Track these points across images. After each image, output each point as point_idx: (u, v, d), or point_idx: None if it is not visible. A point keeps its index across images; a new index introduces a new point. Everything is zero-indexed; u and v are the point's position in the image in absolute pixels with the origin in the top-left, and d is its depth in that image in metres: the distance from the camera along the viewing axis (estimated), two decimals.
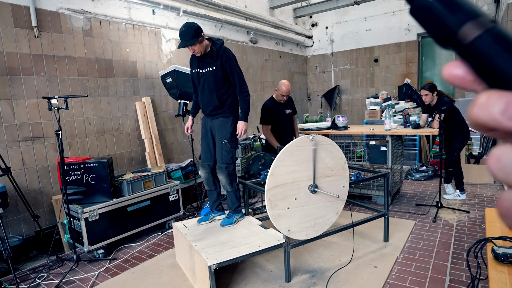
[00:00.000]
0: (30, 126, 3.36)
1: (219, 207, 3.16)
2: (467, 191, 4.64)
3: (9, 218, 3.22)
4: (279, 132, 4.08)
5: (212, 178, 3.06)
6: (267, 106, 4.01)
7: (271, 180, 2.36)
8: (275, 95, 4.06)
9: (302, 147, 2.46)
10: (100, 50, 3.94)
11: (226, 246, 2.57)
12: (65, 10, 3.60)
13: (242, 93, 2.85)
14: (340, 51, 8.10)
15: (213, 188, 3.11)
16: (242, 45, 6.28)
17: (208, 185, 3.10)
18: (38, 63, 3.40)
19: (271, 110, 4.00)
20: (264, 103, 4.07)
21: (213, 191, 3.13)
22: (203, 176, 3.08)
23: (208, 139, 3.01)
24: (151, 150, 4.37)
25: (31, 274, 2.99)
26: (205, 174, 3.05)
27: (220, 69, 2.80)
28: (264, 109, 4.00)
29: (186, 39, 2.67)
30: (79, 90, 3.74)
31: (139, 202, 3.56)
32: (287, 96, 4.02)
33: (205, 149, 3.04)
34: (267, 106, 4.01)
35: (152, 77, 4.54)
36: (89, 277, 2.89)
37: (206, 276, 2.30)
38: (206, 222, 3.08)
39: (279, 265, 2.88)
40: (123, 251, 3.39)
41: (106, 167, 3.26)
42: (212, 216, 3.12)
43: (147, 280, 2.79)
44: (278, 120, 4.06)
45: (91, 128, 3.88)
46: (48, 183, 3.50)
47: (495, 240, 1.53)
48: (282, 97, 3.99)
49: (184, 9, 4.76)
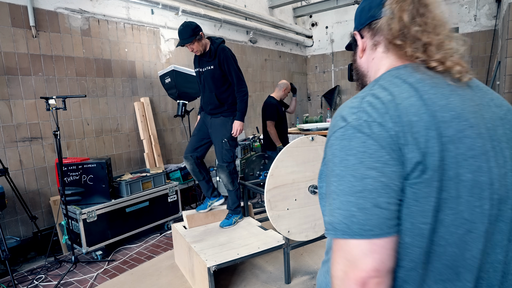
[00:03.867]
0: (28, 126, 3.34)
1: (214, 192, 3.16)
2: None
3: (7, 219, 3.19)
4: (279, 129, 4.25)
5: (198, 169, 3.06)
6: (274, 103, 4.19)
7: (270, 181, 2.34)
8: (280, 94, 4.27)
9: (302, 147, 2.44)
10: (99, 50, 3.92)
11: (226, 247, 2.55)
12: (63, 9, 3.58)
13: (240, 93, 2.83)
14: (340, 51, 8.08)
15: (201, 178, 3.11)
16: (242, 45, 6.26)
17: (196, 176, 3.11)
18: (36, 63, 3.37)
19: (277, 108, 4.19)
20: (270, 101, 4.22)
21: (201, 181, 3.13)
22: (189, 168, 3.09)
23: (202, 135, 3.02)
24: (150, 151, 4.35)
25: (29, 276, 2.97)
26: (190, 165, 3.05)
27: (218, 68, 2.78)
28: (272, 106, 4.16)
29: (184, 37, 2.67)
30: (77, 90, 3.72)
31: (138, 203, 3.54)
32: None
33: (193, 142, 3.05)
34: (274, 103, 4.19)
35: (150, 77, 4.52)
36: (87, 279, 2.87)
37: (205, 277, 2.28)
38: (204, 210, 3.08)
39: (278, 267, 2.86)
40: (122, 253, 3.37)
41: (104, 168, 3.24)
42: (210, 202, 3.12)
43: (146, 281, 2.76)
44: (280, 119, 4.25)
45: (89, 129, 3.86)
46: (46, 184, 3.47)
47: None
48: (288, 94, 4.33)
49: (183, 9, 4.74)
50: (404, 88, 0.64)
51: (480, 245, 0.62)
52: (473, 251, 0.62)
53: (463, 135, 0.61)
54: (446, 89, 0.65)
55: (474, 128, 0.63)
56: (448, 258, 0.62)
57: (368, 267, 0.57)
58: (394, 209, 0.58)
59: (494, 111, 0.69)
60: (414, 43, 0.68)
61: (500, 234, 0.65)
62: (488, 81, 6.37)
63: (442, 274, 0.62)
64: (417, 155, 0.58)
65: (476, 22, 6.41)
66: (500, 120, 0.68)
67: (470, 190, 0.60)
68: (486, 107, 0.68)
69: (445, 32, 0.69)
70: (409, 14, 0.68)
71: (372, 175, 0.58)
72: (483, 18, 6.35)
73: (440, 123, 0.60)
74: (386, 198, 0.58)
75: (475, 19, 6.41)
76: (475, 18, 6.40)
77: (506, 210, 0.64)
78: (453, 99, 0.64)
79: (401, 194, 0.59)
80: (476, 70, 6.54)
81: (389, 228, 0.58)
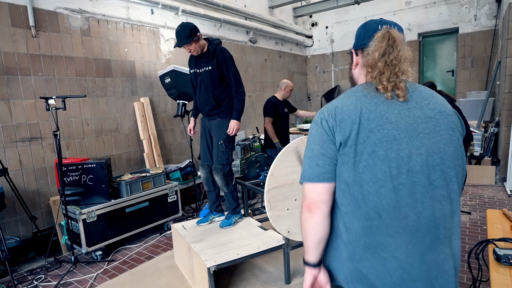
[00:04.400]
0: (28, 126, 3.33)
1: (218, 208, 3.14)
2: (468, 192, 4.62)
3: (6, 219, 3.19)
4: (276, 127, 4.28)
5: (211, 178, 3.05)
6: (274, 101, 4.25)
7: (270, 181, 2.34)
8: (281, 94, 4.31)
9: (302, 147, 2.44)
10: (98, 50, 3.92)
11: (225, 247, 2.54)
12: (63, 9, 3.57)
13: (238, 93, 2.84)
14: (340, 51, 8.08)
15: (212, 188, 3.10)
16: (242, 45, 6.26)
17: (208, 186, 3.09)
18: (36, 63, 3.37)
19: (276, 106, 4.23)
20: (270, 99, 4.31)
21: (212, 191, 3.11)
22: (202, 176, 3.07)
23: (207, 139, 3.02)
24: (150, 151, 4.35)
25: (28, 276, 2.97)
26: (204, 174, 3.04)
27: (216, 69, 2.78)
28: (271, 104, 4.24)
29: (182, 38, 2.67)
30: (77, 90, 3.71)
31: (138, 203, 3.54)
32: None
33: (204, 149, 3.04)
34: (273, 101, 4.27)
35: (150, 77, 4.51)
36: (87, 279, 2.86)
37: (205, 277, 2.28)
38: (205, 223, 3.05)
39: (278, 267, 2.85)
40: (122, 253, 3.36)
41: (104, 168, 3.23)
42: (212, 217, 3.10)
43: (146, 282, 2.76)
44: (279, 117, 4.28)
45: (89, 129, 3.86)
46: (46, 184, 3.47)
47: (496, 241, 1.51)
48: (290, 93, 4.34)
49: (183, 9, 4.74)
50: (351, 99, 1.02)
51: (393, 196, 0.95)
52: (386, 199, 0.95)
53: (382, 128, 0.96)
54: (379, 101, 1.00)
55: (392, 124, 0.97)
56: (371, 204, 0.96)
57: (312, 198, 1.03)
58: (328, 168, 1.01)
59: (424, 112, 1.00)
60: (374, 71, 1.02)
61: (420, 194, 0.95)
62: (488, 81, 6.37)
63: (369, 214, 0.97)
64: (341, 139, 0.99)
65: (476, 22, 6.41)
66: (426, 119, 0.99)
67: (382, 161, 0.95)
68: (416, 110, 0.99)
69: (403, 66, 1.01)
70: (381, 52, 1.01)
71: (316, 148, 1.03)
72: (483, 18, 6.34)
73: (364, 120, 0.97)
74: (322, 161, 1.02)
75: (475, 19, 6.40)
76: (475, 18, 6.40)
77: (419, 177, 0.95)
78: (382, 107, 0.99)
79: (335, 160, 1.01)
80: (477, 70, 6.53)
81: (324, 178, 1.02)
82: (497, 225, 1.73)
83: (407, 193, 0.95)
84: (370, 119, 0.97)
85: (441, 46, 7.09)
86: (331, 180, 1.02)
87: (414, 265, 0.95)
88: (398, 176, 0.94)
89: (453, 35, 6.86)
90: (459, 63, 6.71)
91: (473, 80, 6.60)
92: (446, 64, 7.09)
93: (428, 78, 7.26)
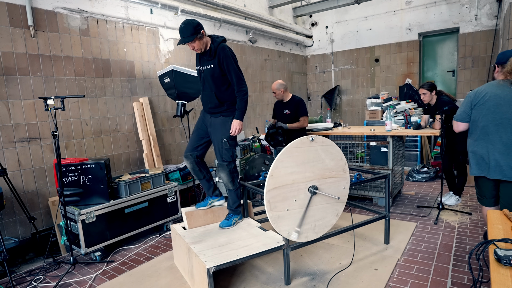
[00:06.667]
0: (26, 126, 3.32)
1: (216, 191, 3.13)
2: (469, 192, 4.60)
3: (5, 220, 3.18)
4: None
5: (198, 168, 3.04)
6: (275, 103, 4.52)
7: (270, 182, 2.32)
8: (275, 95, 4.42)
9: (302, 148, 2.42)
10: (97, 49, 3.90)
11: (225, 248, 2.53)
12: (62, 9, 3.56)
13: (240, 92, 2.81)
14: (340, 50, 8.07)
15: (202, 177, 3.10)
16: (241, 45, 6.24)
17: (196, 175, 3.09)
18: (35, 63, 3.36)
19: (275, 106, 4.49)
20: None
21: (202, 179, 3.11)
22: (189, 167, 3.06)
23: (201, 133, 3.00)
24: (149, 151, 4.33)
25: (27, 277, 2.96)
26: (190, 164, 3.03)
27: (217, 67, 2.76)
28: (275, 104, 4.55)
29: (185, 35, 2.64)
30: (76, 90, 3.70)
31: (137, 203, 3.53)
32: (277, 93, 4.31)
33: (193, 141, 3.02)
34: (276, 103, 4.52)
35: (150, 77, 4.50)
36: (86, 280, 2.85)
37: (205, 278, 2.27)
38: (204, 207, 3.06)
39: (278, 268, 2.84)
40: (121, 254, 3.35)
41: (103, 168, 3.22)
42: (211, 201, 3.09)
43: (145, 283, 2.75)
44: (276, 116, 4.45)
45: (88, 129, 3.84)
46: (45, 184, 3.46)
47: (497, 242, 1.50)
48: (274, 94, 4.37)
49: (182, 8, 4.73)
50: (486, 85, 2.44)
51: (494, 128, 2.36)
52: (492, 128, 2.37)
53: (494, 100, 2.35)
54: (499, 87, 2.36)
55: (501, 99, 2.32)
56: (482, 129, 2.42)
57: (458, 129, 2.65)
58: (468, 114, 2.51)
59: None
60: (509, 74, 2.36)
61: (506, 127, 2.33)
62: (488, 81, 6.35)
63: (482, 134, 2.43)
64: (474, 103, 2.46)
65: (477, 22, 6.39)
66: None
67: (492, 111, 2.36)
68: None
69: None
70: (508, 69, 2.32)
71: (463, 107, 2.55)
72: (484, 18, 6.33)
73: (487, 96, 2.38)
74: (467, 111, 2.52)
75: (476, 19, 6.39)
76: (476, 17, 6.38)
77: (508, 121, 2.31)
78: (497, 89, 2.36)
79: (470, 111, 2.49)
80: (477, 70, 6.52)
81: (467, 118, 2.53)
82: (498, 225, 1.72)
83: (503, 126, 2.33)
84: (490, 96, 2.35)
85: (441, 46, 7.07)
86: (469, 120, 2.52)
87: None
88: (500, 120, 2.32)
89: (454, 35, 6.84)
90: (459, 63, 6.69)
91: (473, 80, 6.58)
92: (447, 64, 7.07)
93: (429, 78, 7.24)
